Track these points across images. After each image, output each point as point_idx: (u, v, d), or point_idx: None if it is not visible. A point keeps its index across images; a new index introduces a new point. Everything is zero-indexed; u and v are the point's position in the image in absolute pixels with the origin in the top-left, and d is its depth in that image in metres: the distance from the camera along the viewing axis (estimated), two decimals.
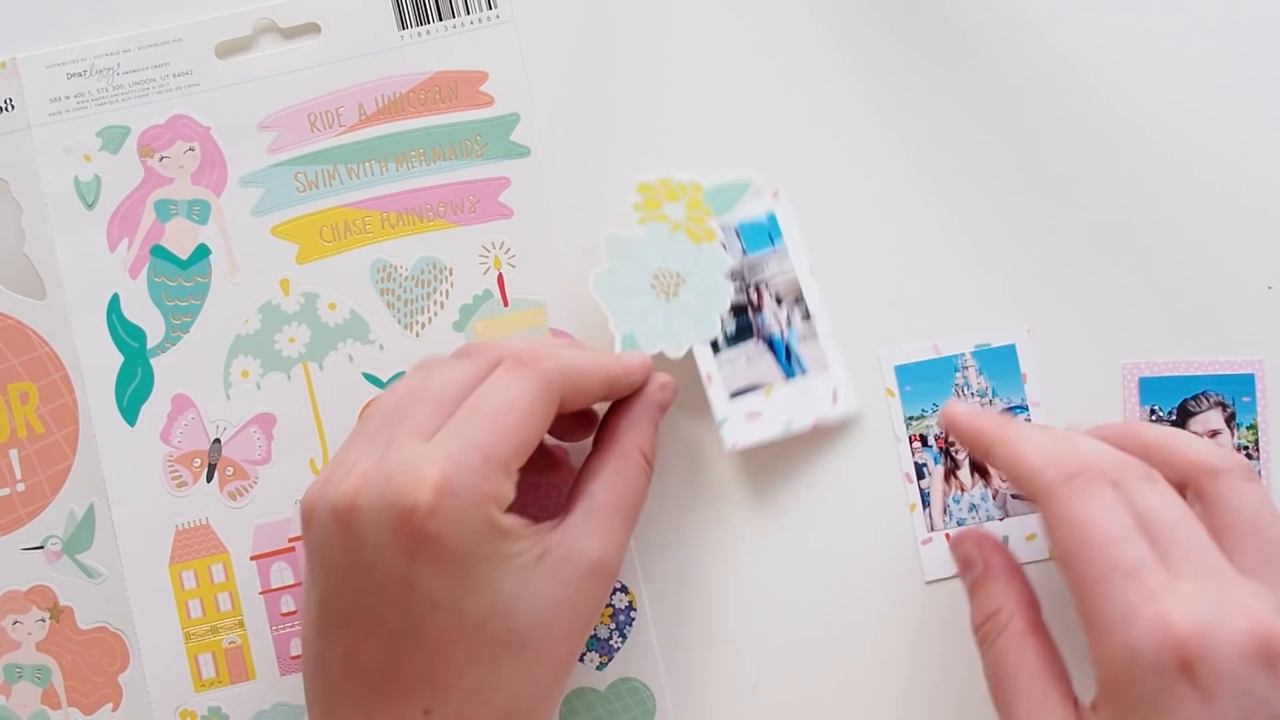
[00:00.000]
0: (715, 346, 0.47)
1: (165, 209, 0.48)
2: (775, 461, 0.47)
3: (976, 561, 0.43)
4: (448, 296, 0.47)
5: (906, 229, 0.48)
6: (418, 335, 0.47)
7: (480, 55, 0.48)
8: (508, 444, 0.38)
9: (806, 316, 0.47)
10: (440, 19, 0.48)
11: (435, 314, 0.47)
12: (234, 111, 0.48)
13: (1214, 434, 0.46)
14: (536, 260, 0.47)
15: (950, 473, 0.47)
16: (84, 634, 0.47)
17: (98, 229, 0.48)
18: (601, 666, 0.47)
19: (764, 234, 0.47)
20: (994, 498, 0.47)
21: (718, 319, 0.47)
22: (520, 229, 0.47)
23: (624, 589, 0.47)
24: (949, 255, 0.48)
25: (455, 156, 0.48)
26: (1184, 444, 0.40)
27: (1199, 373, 0.47)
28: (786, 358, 0.47)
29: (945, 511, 0.47)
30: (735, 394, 0.47)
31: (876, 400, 0.47)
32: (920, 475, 0.47)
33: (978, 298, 0.47)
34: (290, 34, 0.48)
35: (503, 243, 0.47)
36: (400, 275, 0.48)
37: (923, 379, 0.47)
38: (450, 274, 0.47)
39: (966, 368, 0.47)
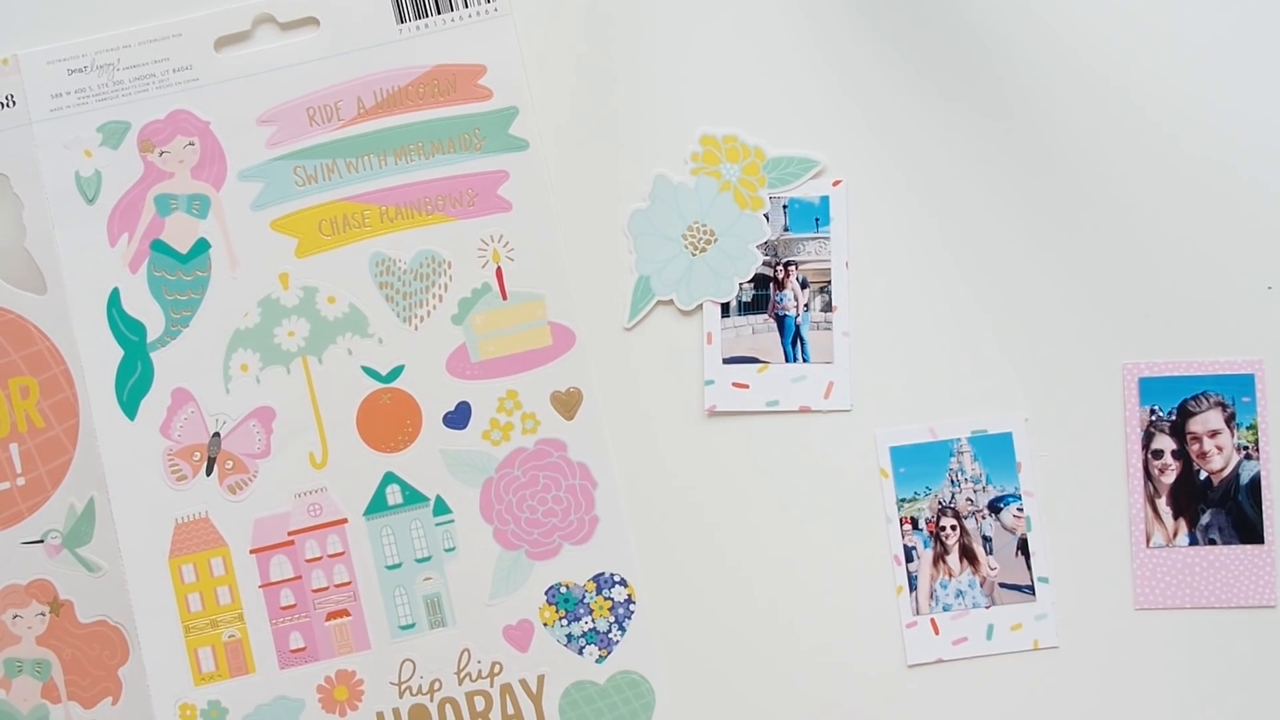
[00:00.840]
0: (725, 310, 0.47)
1: (165, 203, 0.48)
2: (773, 460, 0.48)
3: None
4: (446, 290, 0.47)
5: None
6: (416, 328, 0.47)
7: (479, 49, 0.48)
8: None
9: (827, 308, 0.47)
10: (439, 12, 0.48)
11: (434, 307, 0.47)
12: (233, 106, 0.48)
13: (1214, 434, 0.47)
14: (535, 253, 0.47)
15: (939, 557, 0.47)
16: (84, 628, 0.47)
17: (98, 224, 0.48)
18: (601, 659, 0.47)
19: (811, 216, 0.47)
20: (981, 585, 0.47)
21: (736, 284, 0.47)
22: (519, 222, 0.47)
23: (623, 582, 0.47)
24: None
25: (454, 150, 0.48)
26: None
27: (1199, 373, 0.47)
28: (793, 341, 0.47)
29: (932, 596, 0.47)
30: (729, 360, 0.47)
31: (869, 480, 0.47)
32: (909, 558, 0.47)
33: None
34: (288, 27, 0.48)
35: (501, 236, 0.47)
36: (399, 269, 0.48)
37: (917, 462, 0.47)
38: (449, 267, 0.47)
39: (961, 453, 0.47)
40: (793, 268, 0.47)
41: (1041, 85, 0.48)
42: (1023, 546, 0.47)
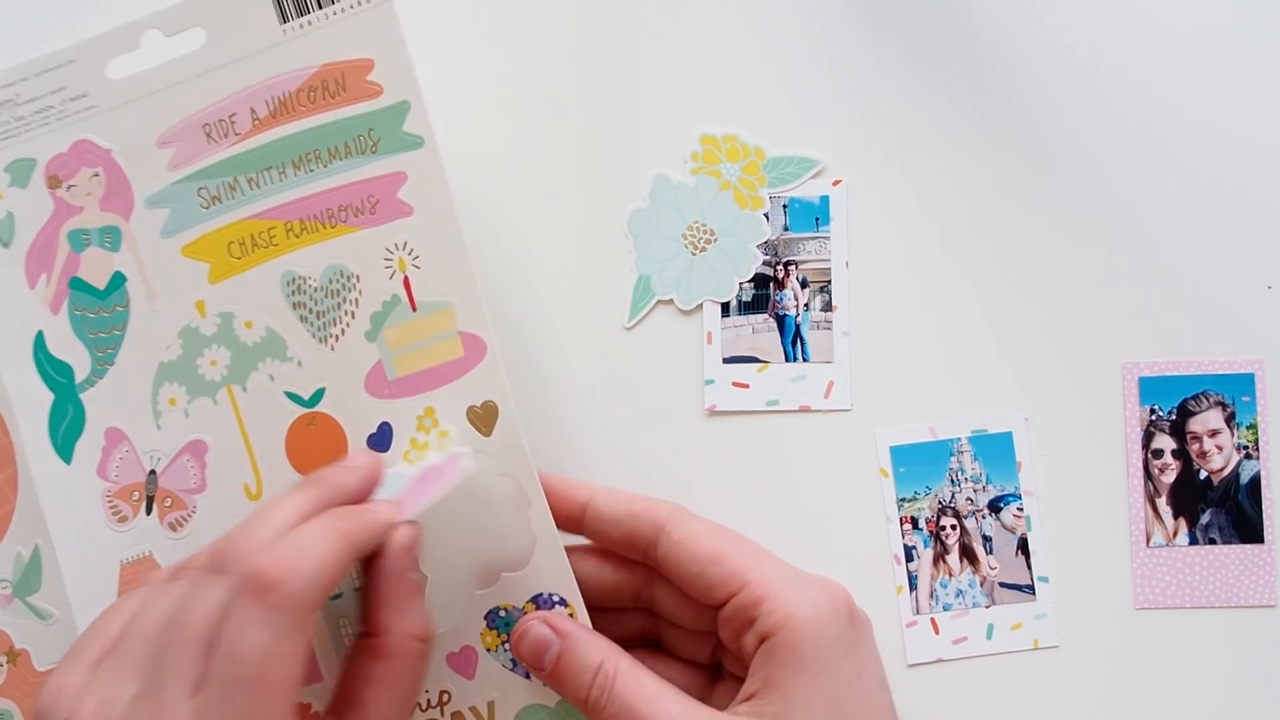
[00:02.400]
0: (725, 310, 0.47)
1: (79, 239, 0.47)
2: (773, 459, 0.47)
3: (551, 638, 0.41)
4: (358, 305, 0.45)
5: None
6: (333, 348, 0.45)
7: (364, 42, 0.44)
8: (277, 700, 0.35)
9: (827, 307, 0.47)
10: (320, 7, 0.44)
11: (348, 325, 0.45)
12: (132, 130, 0.46)
13: (1214, 433, 0.46)
14: (440, 258, 0.44)
15: (939, 557, 0.46)
16: (42, 675, 0.47)
17: (15, 266, 0.47)
18: None
19: (811, 215, 0.47)
20: (981, 584, 0.46)
21: (736, 283, 0.47)
22: (422, 226, 0.44)
23: (563, 602, 0.44)
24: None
25: (350, 154, 0.45)
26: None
27: (1199, 372, 0.45)
28: (793, 340, 0.47)
29: (932, 595, 0.46)
30: (729, 360, 0.47)
31: (869, 480, 0.47)
32: (909, 558, 0.46)
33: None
34: (174, 35, 0.45)
35: (405, 243, 0.44)
36: (310, 287, 0.45)
37: (918, 461, 0.47)
38: (358, 281, 0.45)
39: (962, 452, 0.46)
40: (793, 267, 0.47)
41: (1042, 84, 0.46)
42: (1023, 546, 0.46)
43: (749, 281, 0.47)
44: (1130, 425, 0.45)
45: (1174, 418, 0.46)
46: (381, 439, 0.45)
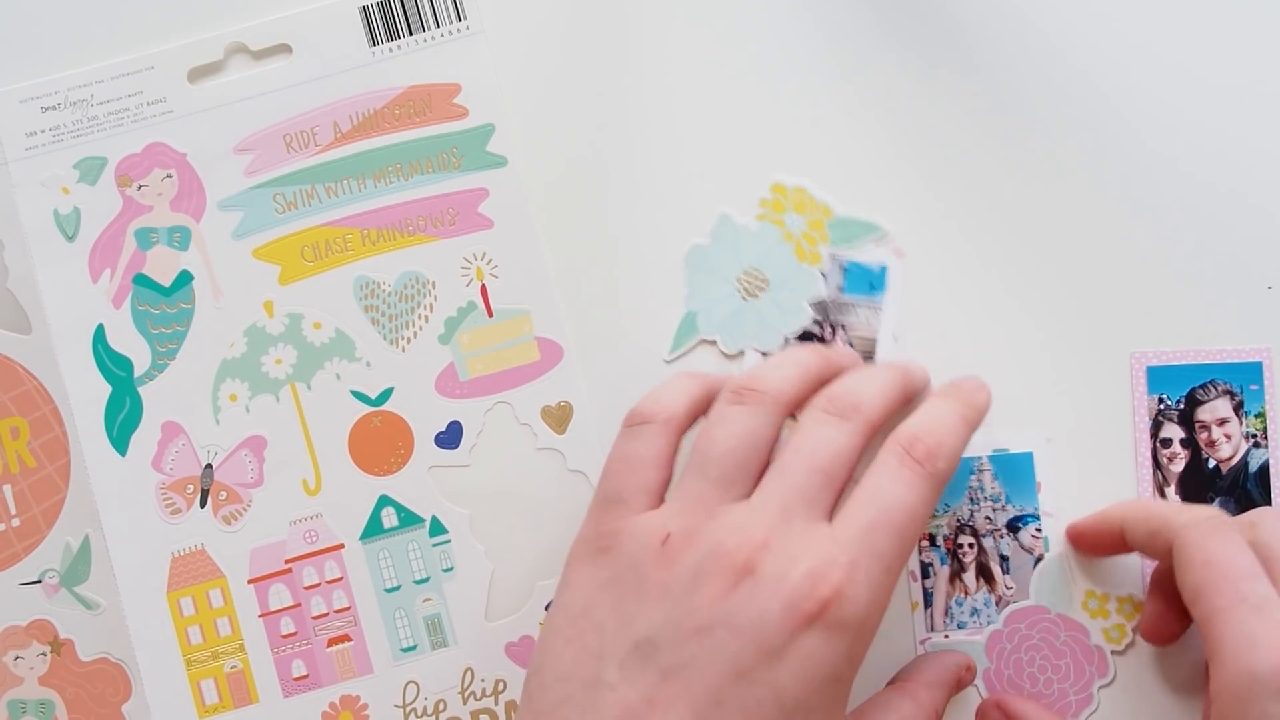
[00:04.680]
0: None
1: (146, 237, 0.48)
2: None
3: None
4: (432, 310, 0.47)
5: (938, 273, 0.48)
6: (404, 350, 0.47)
7: (452, 68, 0.48)
8: (901, 562, 0.37)
9: None
10: (410, 34, 0.48)
11: (420, 328, 0.47)
12: (209, 136, 0.48)
13: (1222, 422, 0.46)
14: (519, 269, 0.47)
15: (955, 575, 0.47)
16: (86, 666, 0.47)
17: (79, 261, 0.48)
18: None
19: (867, 281, 0.47)
20: (997, 603, 0.47)
21: (783, 336, 0.47)
22: (501, 239, 0.47)
23: None
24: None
25: (432, 170, 0.48)
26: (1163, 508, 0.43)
27: (1207, 361, 0.46)
28: None
29: (947, 613, 0.47)
30: None
31: None
32: (925, 575, 0.47)
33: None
34: (261, 55, 0.48)
35: (484, 253, 0.47)
36: (383, 291, 0.48)
37: None
38: (433, 287, 0.47)
39: (982, 471, 0.47)
40: (841, 330, 0.47)
41: (1050, 86, 0.48)
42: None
43: (795, 336, 0.47)
44: (1139, 415, 0.46)
45: (1182, 407, 0.46)
46: (451, 437, 0.47)
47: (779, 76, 0.48)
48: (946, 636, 0.47)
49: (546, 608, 0.47)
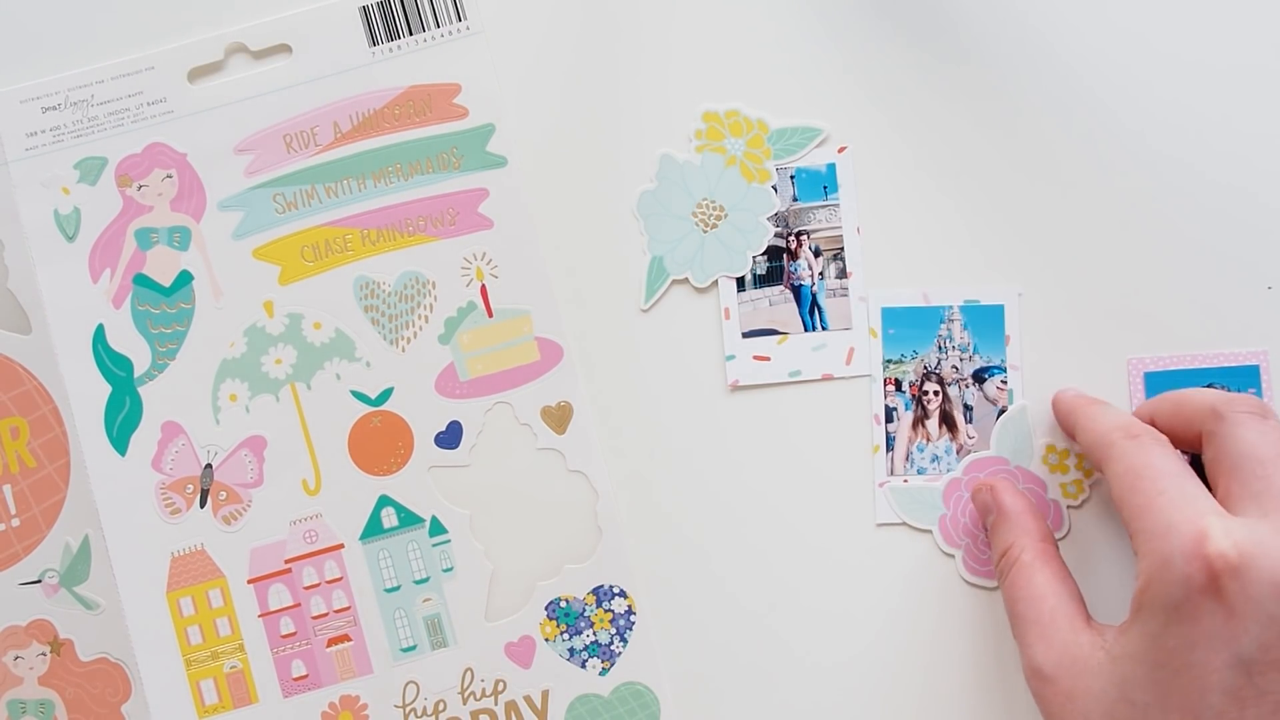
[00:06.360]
0: (740, 284, 0.47)
1: (146, 237, 0.48)
2: (797, 440, 0.48)
3: (991, 507, 0.45)
4: (432, 310, 0.47)
5: (937, 183, 0.48)
6: (403, 350, 0.47)
7: (452, 68, 0.48)
8: None
9: (842, 274, 0.47)
10: (410, 34, 0.48)
11: (420, 328, 0.47)
12: (209, 136, 0.48)
13: None
14: (519, 269, 0.47)
15: (919, 421, 0.47)
16: (85, 666, 0.47)
17: (79, 261, 0.48)
18: (604, 672, 0.47)
19: (819, 184, 0.48)
20: (958, 452, 0.47)
21: (750, 257, 0.47)
22: (501, 239, 0.47)
23: (622, 593, 0.47)
24: (965, 226, 0.48)
25: (432, 170, 0.48)
26: (1194, 395, 0.43)
27: (1203, 365, 0.47)
28: (810, 310, 0.47)
29: (908, 458, 0.47)
30: (748, 334, 0.47)
31: (859, 339, 0.48)
32: (889, 419, 0.47)
33: (980, 260, 0.48)
34: (261, 55, 0.48)
35: (484, 254, 0.47)
36: (383, 291, 0.48)
37: (907, 325, 0.47)
38: (433, 287, 0.47)
39: (952, 320, 0.47)
40: (804, 237, 0.48)
41: (1047, 79, 0.48)
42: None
43: (762, 255, 0.47)
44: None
45: None
46: (451, 437, 0.47)
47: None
48: (905, 481, 0.47)
49: (546, 607, 0.47)
